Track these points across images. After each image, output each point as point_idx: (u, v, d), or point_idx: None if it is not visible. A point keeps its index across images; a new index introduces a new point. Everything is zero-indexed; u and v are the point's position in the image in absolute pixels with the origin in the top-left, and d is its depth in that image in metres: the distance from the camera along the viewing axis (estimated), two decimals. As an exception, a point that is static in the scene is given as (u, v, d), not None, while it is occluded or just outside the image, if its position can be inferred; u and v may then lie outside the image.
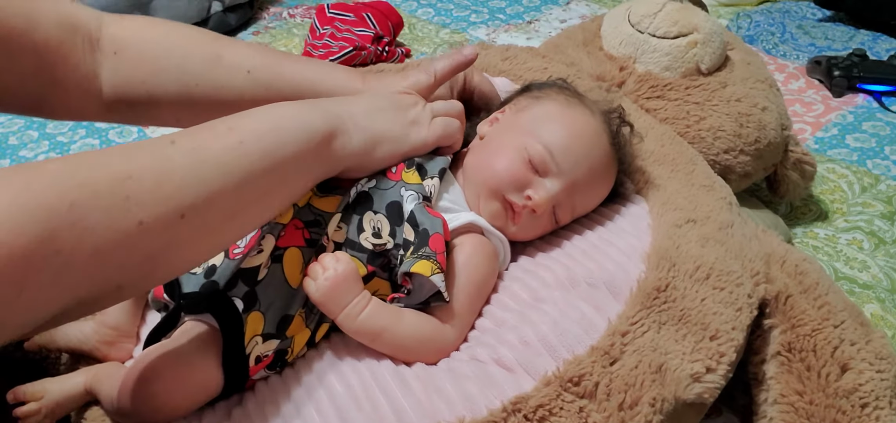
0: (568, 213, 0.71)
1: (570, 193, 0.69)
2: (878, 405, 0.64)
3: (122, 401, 0.57)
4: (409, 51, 1.64)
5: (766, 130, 0.95)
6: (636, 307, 0.61)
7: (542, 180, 0.68)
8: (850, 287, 0.94)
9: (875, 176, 1.16)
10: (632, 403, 0.55)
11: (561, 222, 0.71)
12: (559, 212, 0.70)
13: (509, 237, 0.69)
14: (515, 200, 0.68)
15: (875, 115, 1.32)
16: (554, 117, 0.71)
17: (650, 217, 0.72)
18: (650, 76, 0.96)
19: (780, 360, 0.67)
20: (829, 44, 1.59)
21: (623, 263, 0.66)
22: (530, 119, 0.72)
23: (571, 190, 0.69)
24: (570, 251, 0.69)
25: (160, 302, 0.64)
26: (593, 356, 0.57)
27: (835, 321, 0.68)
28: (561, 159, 0.68)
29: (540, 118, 0.71)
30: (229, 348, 0.58)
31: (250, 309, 0.59)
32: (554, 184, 0.68)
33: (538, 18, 1.80)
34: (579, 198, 0.71)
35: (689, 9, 0.98)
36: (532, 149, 0.68)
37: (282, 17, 1.85)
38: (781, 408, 0.65)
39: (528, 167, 0.68)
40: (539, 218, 0.69)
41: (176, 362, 0.57)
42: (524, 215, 0.68)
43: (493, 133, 0.73)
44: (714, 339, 0.60)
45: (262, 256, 0.60)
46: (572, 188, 0.69)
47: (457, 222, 0.65)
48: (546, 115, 0.72)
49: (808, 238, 1.04)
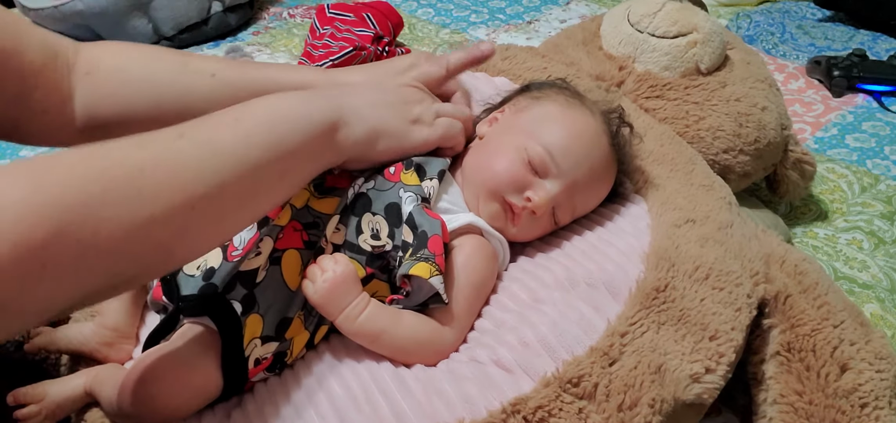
0: (568, 214, 0.71)
1: (570, 194, 0.69)
2: (878, 405, 0.64)
3: (122, 403, 0.57)
4: (409, 51, 1.64)
5: (765, 130, 0.95)
6: (635, 308, 0.61)
7: (541, 182, 0.68)
8: (849, 287, 0.94)
9: (875, 176, 1.16)
10: (631, 404, 0.55)
11: (561, 223, 0.71)
12: (559, 213, 0.70)
13: (509, 239, 0.69)
14: (515, 201, 0.67)
15: (875, 115, 1.32)
16: (554, 118, 0.71)
17: (649, 217, 0.72)
18: (649, 76, 0.96)
19: (780, 360, 0.67)
20: (829, 44, 1.59)
21: (622, 263, 0.66)
22: (530, 120, 0.71)
23: (571, 191, 0.69)
24: (569, 252, 0.69)
25: (159, 304, 0.64)
26: (592, 356, 0.57)
27: (834, 321, 0.68)
28: (561, 160, 0.68)
29: (539, 119, 0.71)
30: (228, 350, 0.58)
31: (249, 312, 0.59)
32: (554, 185, 0.68)
33: (538, 18, 1.80)
34: (579, 198, 0.71)
35: (688, 8, 0.98)
36: (532, 150, 0.68)
37: (282, 17, 1.85)
38: (781, 408, 0.65)
39: (528, 169, 0.68)
40: (539, 219, 0.69)
41: (175, 364, 0.57)
42: (524, 217, 0.68)
43: (493, 134, 0.73)
44: (713, 339, 0.60)
45: (260, 258, 0.60)
46: (572, 189, 0.69)
47: (456, 224, 0.65)
48: (546, 115, 0.71)
49: (807, 238, 1.04)
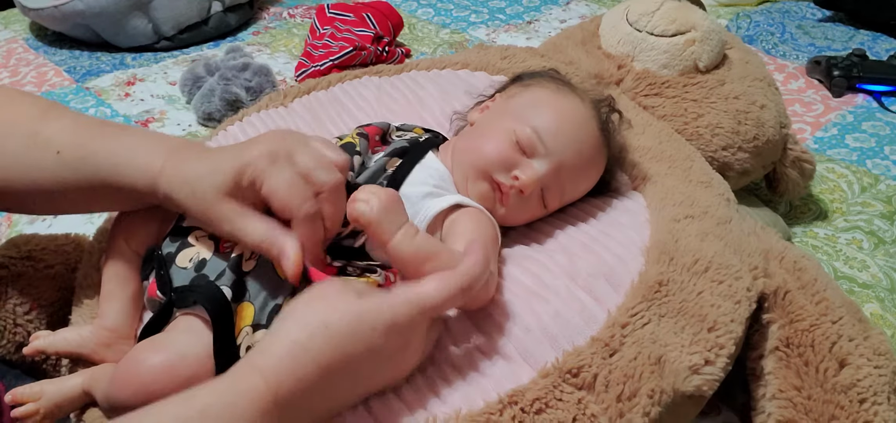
0: (556, 197, 0.71)
1: (558, 174, 0.69)
2: (876, 401, 0.64)
3: (115, 395, 0.57)
4: (409, 51, 1.64)
5: (764, 128, 0.95)
6: (636, 299, 0.61)
7: (529, 161, 0.68)
8: (849, 287, 0.94)
9: (875, 176, 1.16)
10: (630, 394, 0.55)
11: (550, 207, 0.71)
12: (547, 196, 0.70)
13: (498, 221, 0.69)
14: (503, 180, 0.68)
15: (875, 115, 1.32)
16: (543, 102, 0.72)
17: (648, 212, 0.72)
18: (648, 74, 0.96)
19: (779, 355, 0.67)
20: (829, 44, 1.59)
21: (622, 255, 0.66)
22: (520, 105, 0.73)
23: (559, 171, 0.69)
24: (568, 245, 0.69)
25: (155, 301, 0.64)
26: (593, 346, 0.57)
27: (833, 317, 0.68)
28: (549, 141, 0.68)
29: (529, 103, 0.72)
30: (220, 339, 0.57)
31: (240, 299, 0.59)
32: (542, 165, 0.68)
33: (538, 18, 1.81)
34: (568, 181, 0.71)
35: (686, 7, 0.99)
36: (520, 131, 0.68)
37: (282, 17, 1.85)
38: (780, 403, 0.65)
39: (516, 149, 0.68)
40: (527, 200, 0.69)
41: (168, 354, 0.57)
42: (512, 196, 0.68)
43: (483, 119, 0.75)
44: (712, 331, 0.60)
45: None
46: (559, 169, 0.69)
47: (442, 205, 0.65)
48: (535, 100, 0.73)
49: (807, 237, 1.04)
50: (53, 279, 0.75)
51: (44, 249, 0.77)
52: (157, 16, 1.64)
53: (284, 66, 1.57)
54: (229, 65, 1.40)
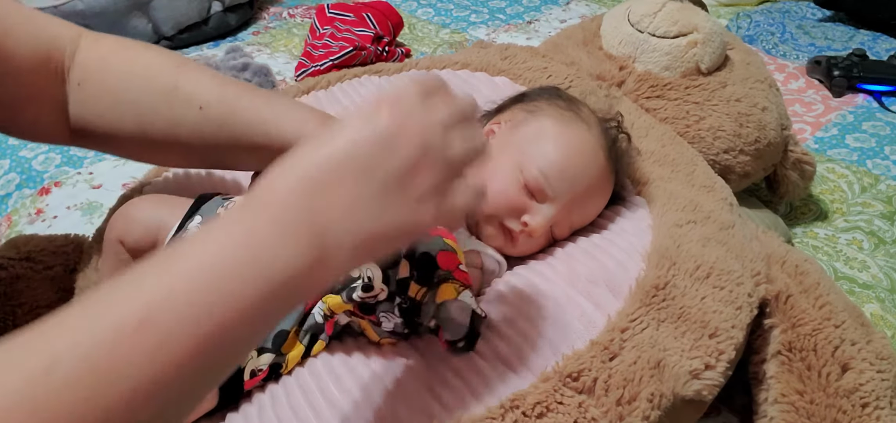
0: (566, 229, 0.71)
1: (568, 212, 0.69)
2: (879, 405, 0.64)
3: None
4: (409, 51, 1.64)
5: (765, 130, 0.95)
6: (636, 304, 0.61)
7: (538, 206, 0.68)
8: (849, 287, 0.94)
9: (875, 176, 1.15)
10: (630, 398, 0.55)
11: (559, 238, 0.71)
12: (556, 230, 0.70)
13: (506, 255, 0.69)
14: (512, 226, 0.68)
15: (875, 115, 1.32)
16: (549, 136, 0.70)
17: (651, 217, 0.72)
18: (650, 76, 0.96)
19: (781, 359, 0.67)
20: (829, 44, 1.59)
21: (623, 261, 0.66)
22: (525, 138, 0.71)
23: (569, 210, 0.69)
24: (570, 251, 0.69)
25: None
26: (593, 351, 0.57)
27: (836, 321, 0.68)
28: (557, 184, 0.67)
29: (535, 136, 0.70)
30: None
31: None
32: (550, 208, 0.68)
33: (538, 18, 1.80)
34: (577, 215, 0.71)
35: (688, 8, 0.98)
36: (528, 174, 0.67)
37: (282, 17, 1.85)
38: (782, 407, 0.65)
39: (524, 192, 0.68)
40: (536, 239, 0.69)
41: None
42: (521, 239, 0.68)
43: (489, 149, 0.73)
44: (713, 337, 0.60)
45: None
46: (569, 208, 0.69)
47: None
48: (541, 132, 0.70)
49: (807, 238, 1.03)
50: (52, 280, 0.75)
51: (43, 250, 0.77)
52: (156, 16, 1.64)
53: (284, 66, 1.57)
54: (229, 65, 1.39)
